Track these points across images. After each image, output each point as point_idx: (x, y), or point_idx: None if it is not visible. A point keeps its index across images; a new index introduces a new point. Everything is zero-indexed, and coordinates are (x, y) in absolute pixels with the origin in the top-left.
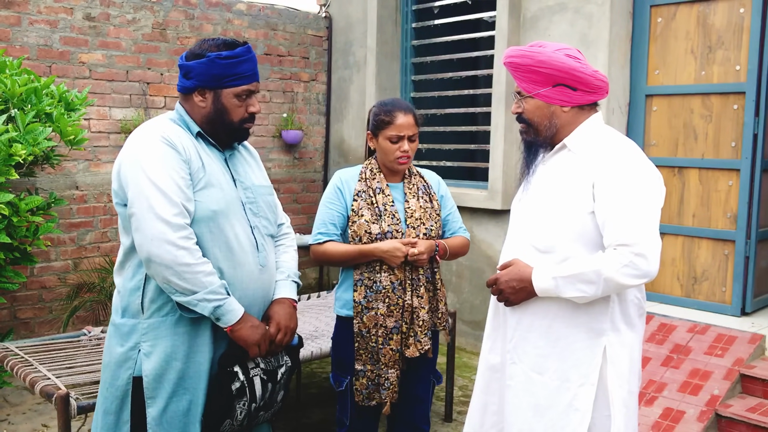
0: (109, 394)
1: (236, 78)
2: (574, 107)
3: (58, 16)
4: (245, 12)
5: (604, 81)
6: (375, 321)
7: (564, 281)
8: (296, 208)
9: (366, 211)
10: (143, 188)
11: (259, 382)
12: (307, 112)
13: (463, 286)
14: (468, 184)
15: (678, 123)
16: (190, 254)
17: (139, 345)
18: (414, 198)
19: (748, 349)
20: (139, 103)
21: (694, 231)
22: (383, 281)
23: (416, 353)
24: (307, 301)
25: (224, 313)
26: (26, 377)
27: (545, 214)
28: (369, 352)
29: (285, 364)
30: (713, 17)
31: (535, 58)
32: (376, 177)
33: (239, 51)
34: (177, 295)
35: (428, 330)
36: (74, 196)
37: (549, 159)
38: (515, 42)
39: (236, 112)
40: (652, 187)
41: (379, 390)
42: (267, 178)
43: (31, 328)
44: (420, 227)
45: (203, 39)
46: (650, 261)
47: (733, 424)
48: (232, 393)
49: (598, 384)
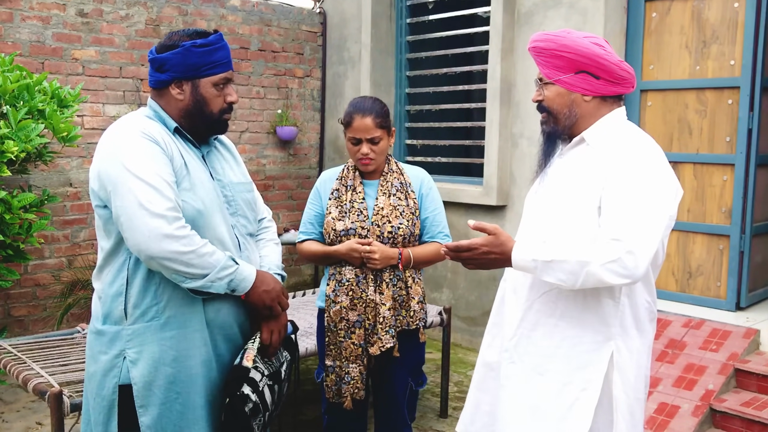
0: (96, 404)
1: (213, 66)
2: (596, 97)
3: (50, 12)
4: (239, 8)
5: (630, 73)
6: (339, 315)
7: (544, 265)
8: (291, 204)
9: (334, 208)
10: (130, 186)
11: (268, 390)
12: (301, 108)
13: (459, 282)
14: (463, 180)
15: (672, 118)
16: (190, 241)
17: (124, 352)
18: (384, 195)
19: (743, 344)
20: (133, 100)
21: (689, 226)
22: (347, 274)
23: (378, 351)
24: (302, 297)
25: (238, 283)
26: (20, 375)
27: (557, 208)
28: (337, 347)
29: (285, 360)
30: (708, 12)
31: (559, 42)
32: (351, 174)
33: (212, 39)
34: (188, 281)
35: (390, 327)
36: (68, 193)
37: (567, 152)
38: (509, 37)
39: (215, 102)
40: (662, 189)
41: (341, 384)
42: (246, 174)
43: (24, 326)
44: (385, 225)
45: (171, 32)
46: (639, 261)
47: (727, 419)
48: (247, 415)
49: (603, 389)
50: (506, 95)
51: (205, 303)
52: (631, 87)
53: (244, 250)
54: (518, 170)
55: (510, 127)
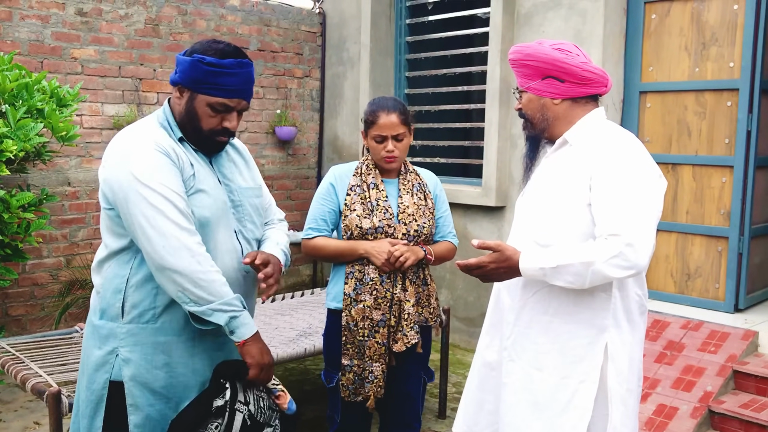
0: (85, 398)
1: (213, 88)
2: (565, 100)
3: (49, 12)
4: (238, 8)
5: (596, 73)
6: (362, 314)
7: (552, 272)
8: (290, 204)
9: (358, 205)
10: (147, 197)
11: (240, 420)
12: (300, 109)
13: (457, 283)
14: (462, 180)
15: (672, 120)
16: (205, 260)
17: (117, 350)
18: (408, 194)
19: (741, 346)
20: (132, 99)
21: (688, 228)
22: (371, 273)
23: (403, 347)
24: (300, 297)
25: (239, 325)
26: (18, 375)
27: (545, 208)
28: (356, 346)
29: (275, 427)
30: (707, 14)
31: (525, 52)
32: (372, 173)
33: (227, 62)
34: (191, 304)
35: (414, 324)
36: (66, 193)
37: (551, 154)
38: (509, 38)
39: (207, 121)
40: (648, 180)
41: (364, 385)
42: (255, 179)
43: (23, 326)
44: (412, 223)
45: (212, 39)
46: (639, 252)
47: (726, 420)
48: (210, 408)
49: (599, 381)
50: (505, 96)
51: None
52: (602, 86)
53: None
54: (517, 171)
55: (509, 128)
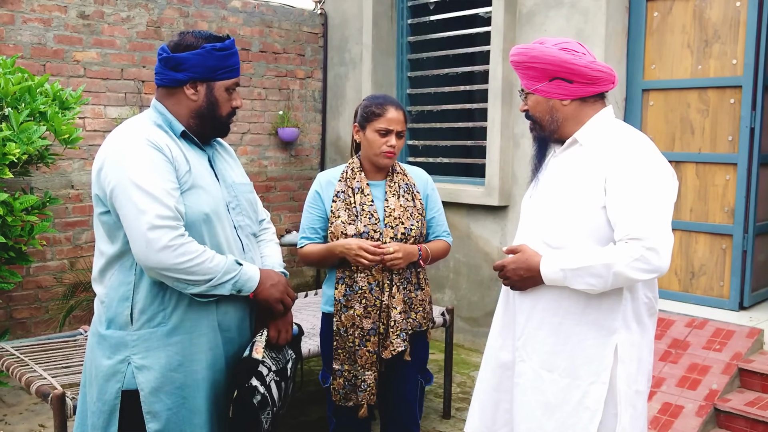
0: (96, 409)
1: (228, 70)
2: (575, 100)
3: (51, 15)
4: (240, 9)
5: (602, 71)
6: (352, 321)
7: (573, 273)
8: (293, 205)
9: (343, 212)
10: (131, 195)
11: (274, 386)
12: (303, 110)
13: (461, 283)
14: (465, 180)
15: (675, 117)
16: (188, 251)
17: (129, 358)
18: (394, 197)
19: (747, 344)
20: (134, 102)
21: (692, 225)
22: (360, 281)
23: (390, 355)
24: (304, 298)
25: (243, 284)
26: (22, 377)
27: (556, 209)
28: (347, 352)
29: (290, 358)
30: (709, 11)
31: (530, 54)
32: (356, 176)
33: (228, 44)
34: (191, 288)
35: (401, 331)
36: (69, 195)
37: (560, 154)
38: (511, 38)
39: (225, 106)
40: (664, 181)
41: (356, 391)
42: (245, 175)
43: (27, 328)
44: (398, 227)
45: (183, 32)
46: (661, 255)
47: (731, 419)
48: (255, 407)
49: (609, 382)
50: (508, 95)
51: (218, 305)
52: (610, 84)
53: (248, 251)
54: (520, 170)
55: (512, 128)
